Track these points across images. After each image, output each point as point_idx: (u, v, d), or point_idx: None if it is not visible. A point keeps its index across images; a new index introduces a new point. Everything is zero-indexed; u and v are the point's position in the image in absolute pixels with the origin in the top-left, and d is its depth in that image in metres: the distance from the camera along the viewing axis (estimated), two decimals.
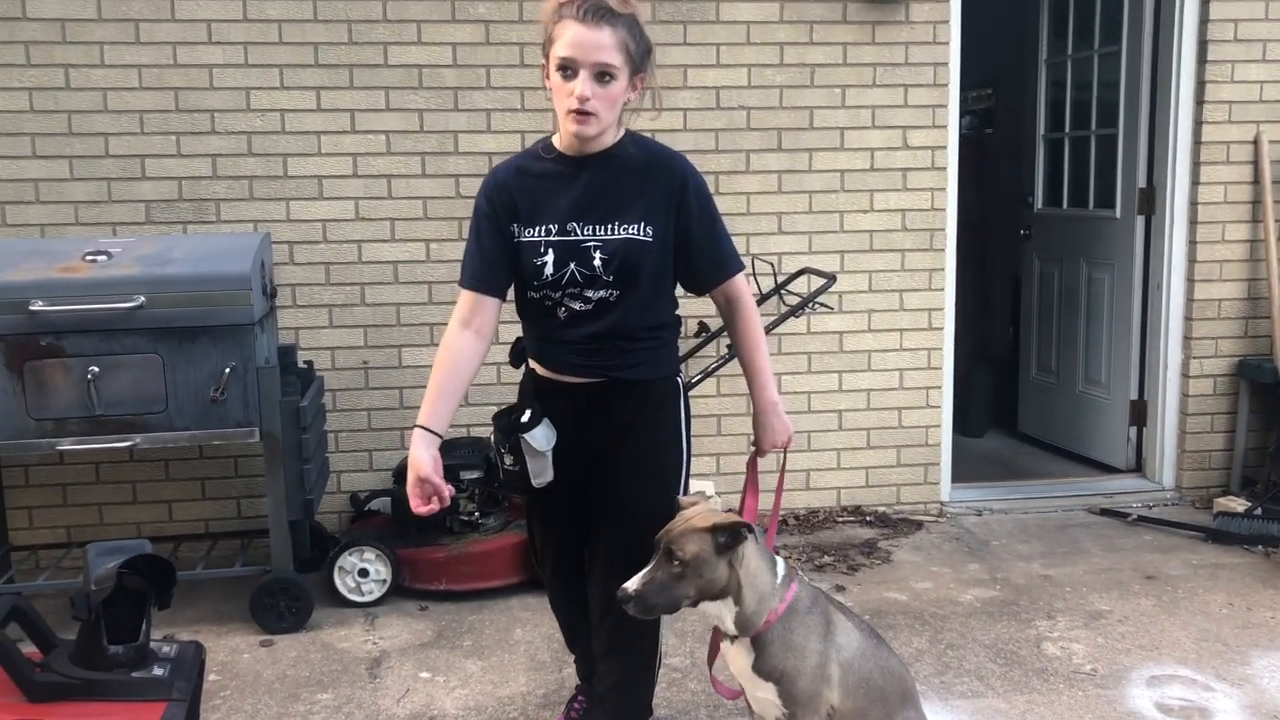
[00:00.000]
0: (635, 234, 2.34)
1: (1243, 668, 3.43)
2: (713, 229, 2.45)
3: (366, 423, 4.55)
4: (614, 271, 2.34)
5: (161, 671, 2.66)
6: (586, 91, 2.22)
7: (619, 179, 2.36)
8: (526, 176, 2.43)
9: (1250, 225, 4.98)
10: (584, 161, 2.38)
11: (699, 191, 2.42)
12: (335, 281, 4.47)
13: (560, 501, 2.58)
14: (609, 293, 2.36)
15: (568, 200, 2.36)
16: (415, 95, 4.43)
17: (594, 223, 2.35)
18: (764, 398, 2.52)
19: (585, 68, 2.22)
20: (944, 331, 4.92)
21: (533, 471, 2.45)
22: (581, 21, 2.21)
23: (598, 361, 2.43)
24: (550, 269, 2.35)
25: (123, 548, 2.68)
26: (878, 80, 4.71)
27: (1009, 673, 3.41)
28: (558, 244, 2.35)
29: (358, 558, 3.97)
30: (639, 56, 2.30)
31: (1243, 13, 4.85)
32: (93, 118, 4.25)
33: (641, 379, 2.47)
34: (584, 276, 2.35)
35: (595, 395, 2.46)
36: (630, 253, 2.34)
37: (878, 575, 4.24)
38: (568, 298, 2.38)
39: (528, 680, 3.41)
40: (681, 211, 2.38)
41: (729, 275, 2.48)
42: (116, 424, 3.56)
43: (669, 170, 2.40)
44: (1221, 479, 5.10)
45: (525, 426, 2.41)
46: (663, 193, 2.37)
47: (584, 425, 2.48)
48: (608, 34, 2.22)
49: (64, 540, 4.32)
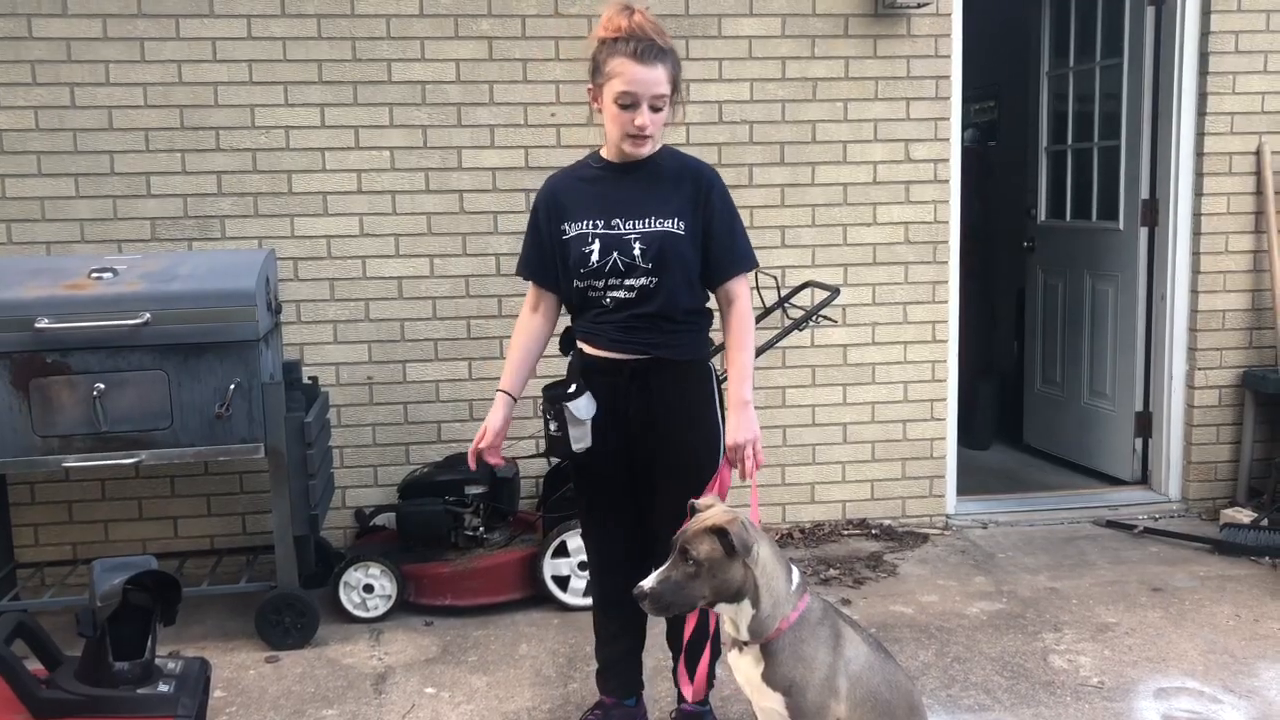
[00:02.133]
0: (670, 227, 2.66)
1: (1251, 680, 3.42)
2: (730, 227, 2.73)
3: (371, 438, 4.56)
4: (652, 259, 2.64)
5: (167, 688, 2.67)
6: (645, 121, 2.59)
7: (657, 182, 2.70)
8: (577, 182, 2.78)
9: (1254, 236, 4.98)
10: (628, 168, 2.71)
11: (722, 194, 2.73)
12: (340, 297, 4.48)
13: (606, 468, 2.83)
14: (649, 280, 2.66)
15: (612, 199, 2.70)
16: (419, 111, 4.45)
17: (634, 218, 2.67)
18: (736, 394, 2.70)
19: (645, 101, 2.58)
20: (948, 344, 4.92)
21: (573, 437, 2.72)
22: (639, 61, 2.56)
23: (640, 339, 2.70)
24: (596, 257, 2.66)
25: (128, 564, 2.69)
26: (880, 94, 4.73)
27: (1016, 686, 3.40)
28: (603, 235, 2.67)
29: (363, 573, 3.96)
30: (678, 82, 2.68)
31: (1243, 24, 4.86)
32: (98, 135, 4.28)
33: (678, 359, 2.73)
34: (625, 265, 2.65)
35: (637, 370, 2.72)
36: (666, 243, 2.65)
37: (883, 588, 4.23)
38: (610, 286, 2.68)
39: (533, 695, 3.41)
40: (705, 209, 2.69)
41: (737, 271, 2.74)
42: (122, 441, 3.57)
43: (697, 174, 2.73)
44: (1228, 490, 5.09)
45: (569, 396, 2.70)
46: (691, 193, 2.69)
47: (625, 398, 2.74)
48: (660, 71, 2.58)
49: (70, 557, 4.32)
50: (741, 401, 2.69)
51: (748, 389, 2.70)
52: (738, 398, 2.69)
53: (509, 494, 4.23)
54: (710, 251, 2.71)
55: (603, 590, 3.00)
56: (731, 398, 2.70)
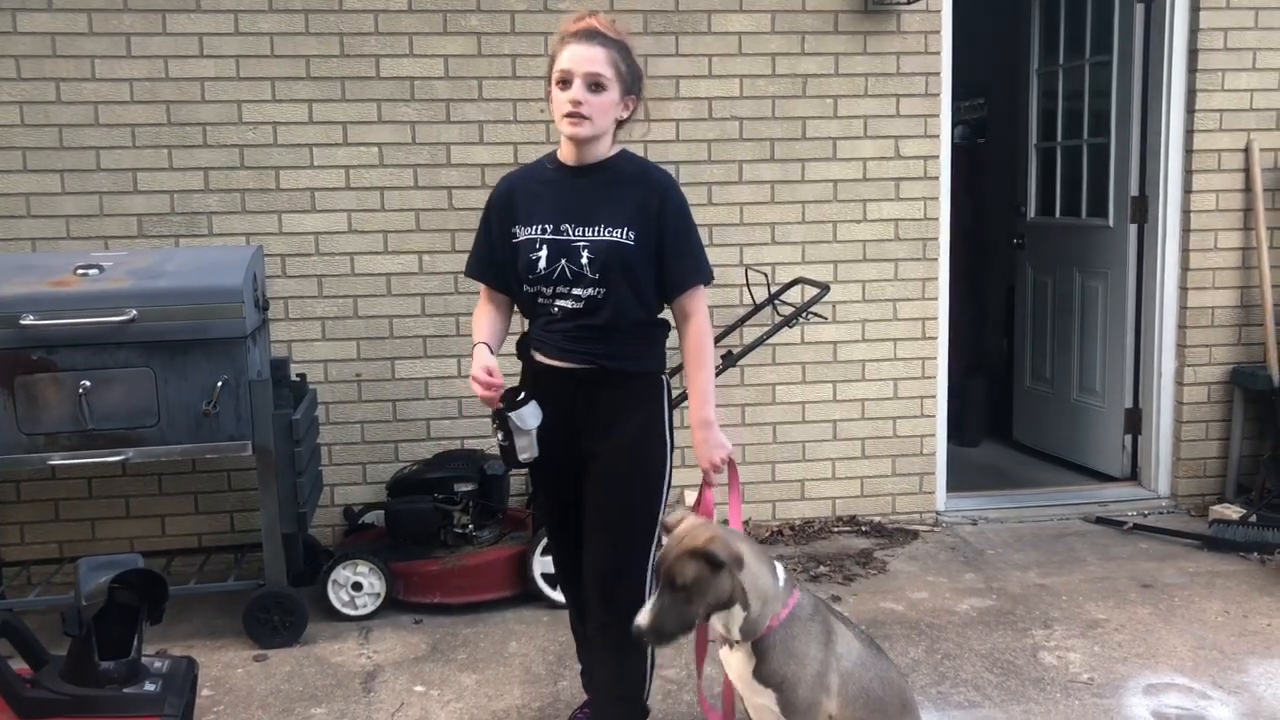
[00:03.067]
0: (618, 237, 2.57)
1: (1239, 675, 3.43)
2: (684, 239, 2.64)
3: (360, 435, 4.54)
4: (599, 269, 2.56)
5: (153, 687, 2.65)
6: (579, 96, 2.51)
7: (610, 188, 2.61)
8: (531, 183, 2.70)
9: (1242, 233, 4.99)
10: (581, 170, 2.63)
11: (676, 204, 2.64)
12: (328, 294, 4.46)
13: (559, 477, 2.77)
14: (596, 290, 2.58)
15: (563, 203, 2.62)
16: (407, 107, 4.43)
17: (584, 224, 2.59)
18: (697, 416, 2.64)
19: (579, 77, 2.52)
20: (938, 341, 4.92)
21: (519, 448, 2.64)
22: (578, 41, 2.54)
23: (587, 348, 2.62)
24: (543, 263, 2.59)
25: (114, 562, 2.68)
26: (870, 90, 4.72)
27: (1006, 682, 3.40)
28: (551, 241, 2.60)
29: (351, 571, 3.95)
30: (629, 77, 2.59)
31: (1232, 22, 4.86)
32: (84, 131, 4.25)
33: (626, 370, 2.65)
34: (573, 273, 2.58)
35: (583, 380, 2.64)
36: (614, 254, 2.56)
37: (874, 585, 4.23)
38: (559, 295, 2.61)
39: (522, 693, 3.39)
40: (659, 220, 2.60)
41: (689, 285, 2.66)
42: (108, 438, 3.55)
43: (650, 181, 2.64)
44: (1217, 486, 5.10)
45: (513, 406, 2.62)
46: (644, 201, 2.60)
47: (571, 409, 2.66)
48: (600, 51, 2.53)
49: (56, 555, 4.29)
50: (705, 422, 2.62)
51: (710, 409, 2.63)
52: (700, 418, 2.62)
53: (498, 491, 4.22)
54: (663, 264, 2.62)
55: (571, 598, 2.95)
56: (694, 418, 2.64)
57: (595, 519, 2.69)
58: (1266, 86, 4.91)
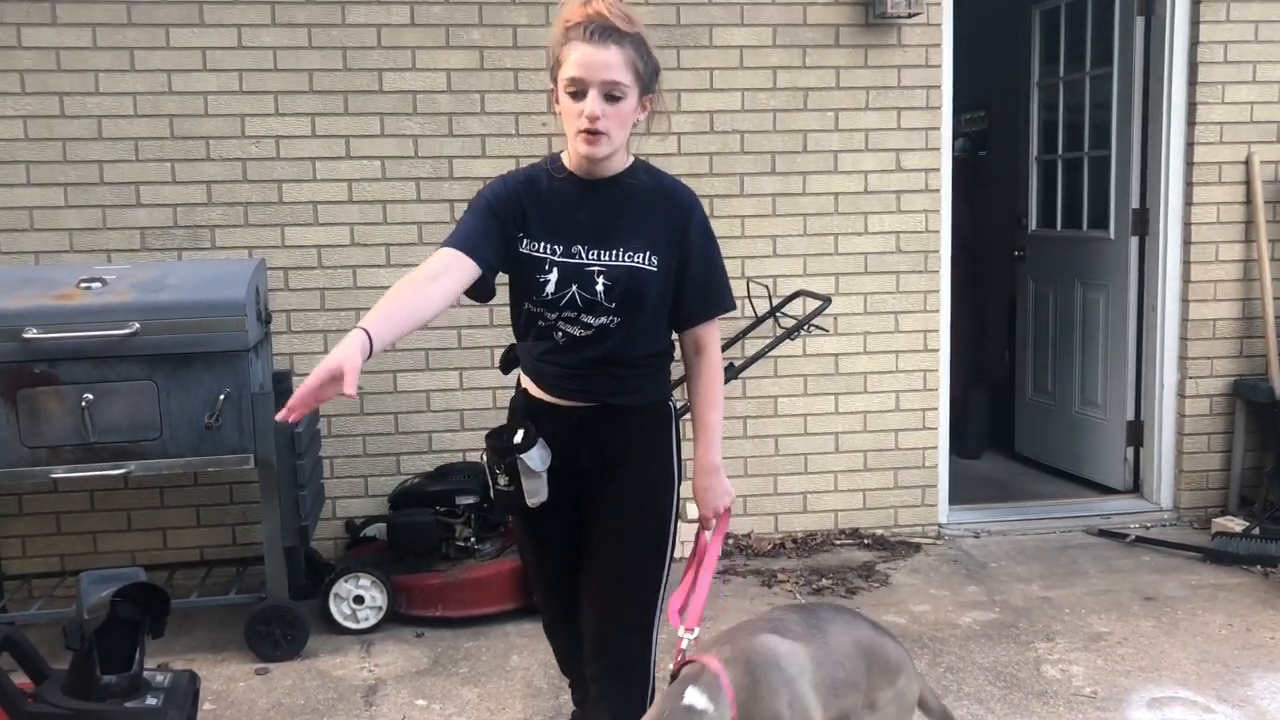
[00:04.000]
0: (640, 263, 2.29)
1: (1243, 689, 3.42)
2: (708, 265, 2.39)
3: (362, 448, 4.54)
4: (616, 298, 2.28)
5: (155, 701, 2.65)
6: (596, 110, 2.18)
7: (627, 206, 2.32)
8: (537, 189, 2.36)
9: (1243, 245, 4.99)
10: (595, 184, 2.33)
11: (701, 224, 2.38)
12: (330, 307, 4.47)
13: (555, 520, 2.51)
14: (610, 320, 2.30)
15: (575, 222, 2.31)
16: (410, 121, 4.44)
17: (600, 248, 2.29)
18: (707, 459, 2.42)
19: (594, 87, 2.18)
20: (939, 353, 4.92)
21: (528, 491, 2.38)
22: (589, 41, 2.17)
23: (591, 386, 2.37)
24: (552, 288, 2.29)
25: (116, 576, 2.68)
26: (870, 103, 4.73)
27: (1008, 695, 3.40)
28: (562, 264, 2.29)
29: (353, 584, 3.94)
30: (648, 76, 2.27)
31: (1232, 34, 4.88)
32: (87, 145, 4.26)
33: (633, 404, 2.40)
34: (584, 301, 2.29)
35: (586, 419, 2.39)
36: (634, 281, 2.29)
37: (876, 598, 4.22)
38: (564, 321, 2.32)
39: (524, 707, 3.39)
40: (683, 245, 2.34)
41: (710, 316, 2.40)
42: (111, 451, 3.55)
43: (676, 202, 2.36)
44: (1219, 499, 5.10)
45: (521, 447, 2.35)
46: (668, 223, 2.33)
47: (574, 448, 2.41)
48: (615, 53, 2.18)
49: (57, 569, 4.29)
50: (713, 468, 2.41)
51: (718, 453, 2.41)
52: (709, 463, 2.41)
53: None
54: (683, 291, 2.34)
55: (555, 648, 2.76)
56: (701, 462, 2.41)
57: (602, 568, 2.44)
58: (1266, 99, 4.93)
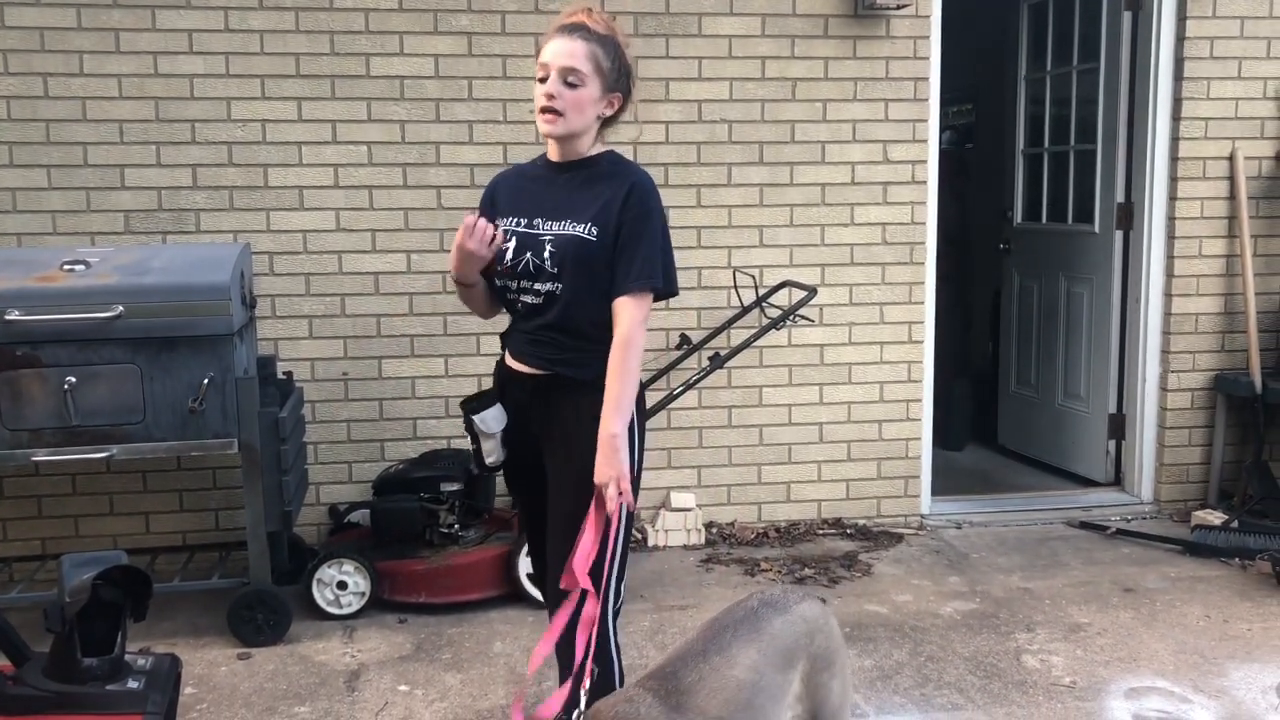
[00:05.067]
0: (580, 232, 2.50)
1: (1220, 679, 3.45)
2: (637, 242, 2.48)
3: (346, 434, 4.53)
4: (558, 264, 2.49)
5: (136, 684, 2.64)
6: (552, 89, 2.46)
7: (586, 185, 2.56)
8: (516, 179, 2.70)
9: (1227, 240, 5.02)
10: (563, 167, 2.59)
11: (640, 202, 2.50)
12: (315, 292, 4.45)
13: (525, 479, 2.72)
14: (554, 285, 2.51)
15: (540, 198, 2.59)
16: (397, 106, 4.43)
17: (552, 219, 2.54)
18: (602, 427, 2.43)
19: (554, 71, 2.47)
20: (924, 345, 4.94)
21: (485, 451, 2.63)
22: (559, 34, 2.49)
23: (543, 353, 2.56)
24: (510, 255, 2.55)
25: (98, 559, 2.66)
26: (858, 95, 4.74)
27: (989, 685, 3.42)
28: (521, 234, 2.56)
29: (336, 570, 3.94)
30: (612, 74, 2.51)
31: (1218, 31, 4.90)
32: (71, 127, 4.23)
33: (583, 379, 2.51)
34: (535, 267, 2.52)
35: (540, 386, 2.57)
36: (572, 247, 2.49)
37: (858, 588, 4.24)
38: (522, 290, 2.56)
39: (507, 693, 3.39)
40: (619, 215, 2.50)
41: (626, 290, 2.47)
42: (93, 435, 3.53)
43: (622, 179, 2.54)
44: (1199, 492, 5.13)
45: (475, 409, 2.60)
46: (611, 198, 2.52)
47: (528, 414, 2.61)
48: (580, 45, 2.47)
49: (39, 552, 4.27)
50: (609, 435, 2.41)
51: (617, 422, 2.42)
52: (605, 431, 2.42)
53: (484, 491, 4.22)
54: (614, 261, 2.48)
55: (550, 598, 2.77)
56: (600, 430, 2.43)
57: (556, 531, 2.57)
58: (1251, 95, 4.95)
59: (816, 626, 2.37)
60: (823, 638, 2.37)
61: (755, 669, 2.23)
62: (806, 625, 2.36)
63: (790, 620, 2.34)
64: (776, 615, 2.34)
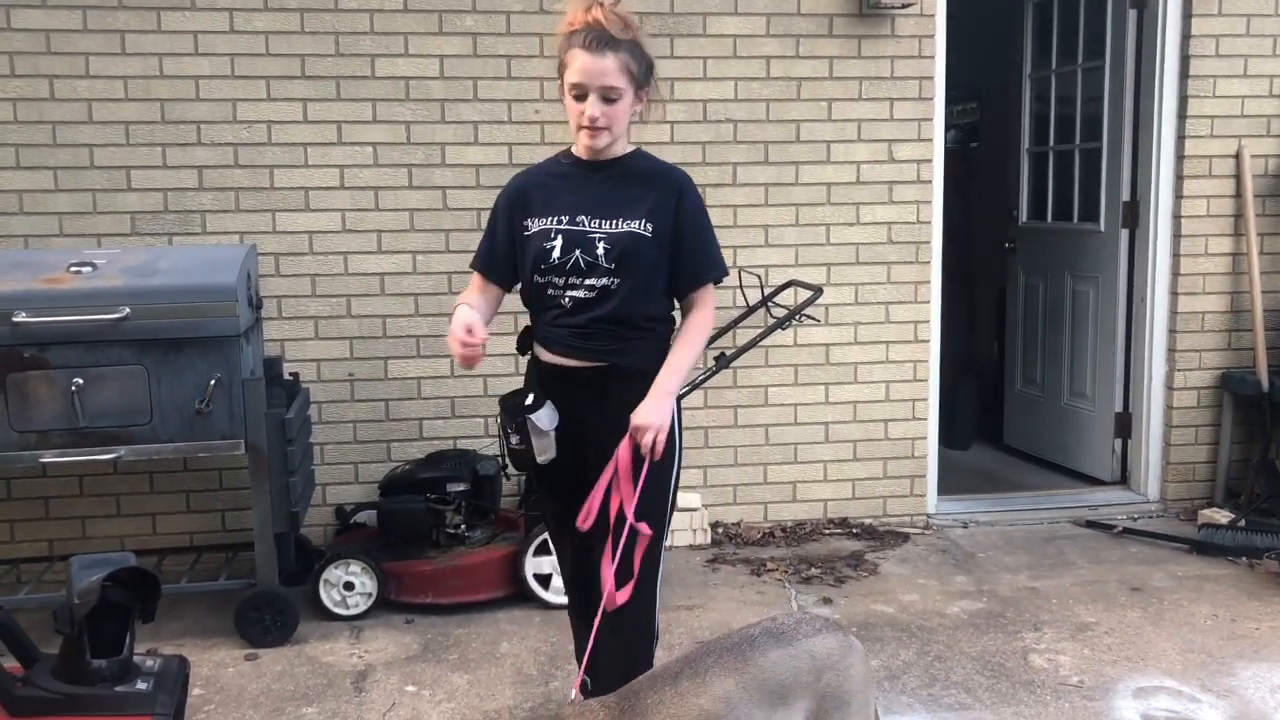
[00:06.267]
0: (636, 228, 2.56)
1: (1228, 679, 3.45)
2: (701, 234, 2.64)
3: (352, 435, 4.53)
4: (614, 259, 2.54)
5: (145, 686, 2.64)
6: (596, 112, 2.51)
7: (627, 182, 2.62)
8: (545, 177, 2.71)
9: (1233, 238, 5.01)
10: (598, 165, 2.63)
11: (694, 198, 2.64)
12: (321, 293, 4.46)
13: (565, 477, 2.71)
14: (610, 280, 2.55)
15: (579, 196, 2.61)
16: (402, 107, 4.43)
17: (601, 217, 2.58)
18: (660, 382, 2.55)
19: (593, 91, 2.51)
20: (930, 344, 4.93)
21: (537, 449, 2.62)
22: (587, 50, 2.49)
23: (597, 345, 2.59)
24: (558, 253, 2.57)
25: (106, 561, 2.67)
26: (864, 94, 4.74)
27: (996, 685, 3.42)
28: (566, 232, 2.58)
29: (343, 571, 3.95)
30: (641, 75, 2.57)
31: (1224, 29, 4.89)
32: (78, 129, 4.24)
33: (637, 367, 2.59)
34: (586, 264, 2.55)
35: (593, 380, 2.61)
36: (630, 244, 2.55)
37: (865, 588, 4.24)
38: (570, 285, 2.58)
39: (514, 694, 3.40)
40: (677, 212, 2.60)
41: (704, 280, 2.65)
42: (100, 436, 3.54)
43: (669, 179, 2.64)
44: (1206, 491, 5.13)
45: (531, 408, 2.60)
46: (662, 195, 2.60)
47: (580, 408, 2.63)
48: (610, 60, 2.50)
49: (46, 554, 4.28)
50: (664, 390, 2.53)
51: (675, 381, 2.55)
52: (661, 386, 2.53)
53: (491, 492, 4.22)
54: (680, 258, 2.61)
55: (573, 598, 2.88)
56: (656, 384, 2.54)
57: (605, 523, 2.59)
58: (1257, 93, 4.94)
59: (827, 663, 2.18)
60: (834, 675, 2.17)
61: (727, 701, 2.08)
62: (813, 661, 2.17)
63: (792, 654, 2.17)
64: (776, 647, 2.18)
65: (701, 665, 2.15)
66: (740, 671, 2.12)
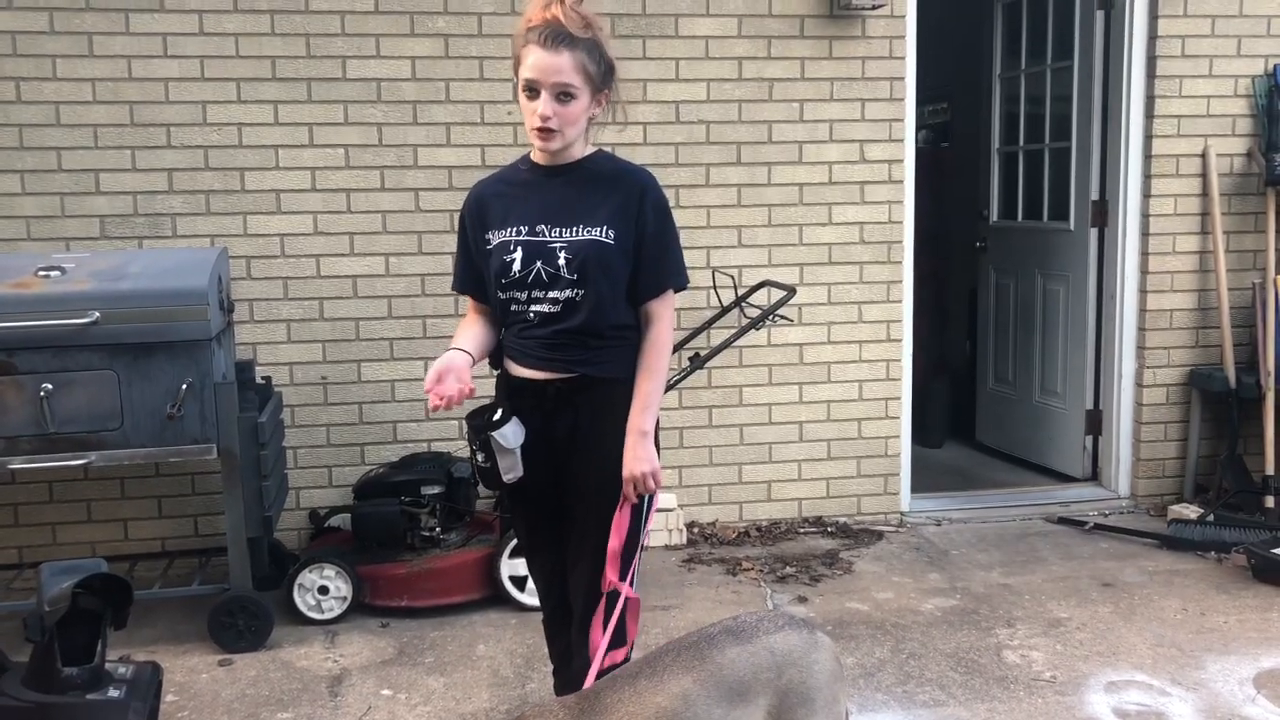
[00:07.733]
0: (598, 235, 2.46)
1: (1197, 672, 3.49)
2: (662, 240, 2.54)
3: (325, 438, 4.51)
4: (577, 270, 2.45)
5: (117, 693, 2.63)
6: (548, 111, 2.39)
7: (587, 187, 2.51)
8: (503, 185, 2.59)
9: (1200, 236, 5.07)
10: (556, 170, 2.52)
11: (656, 203, 2.54)
12: (293, 296, 4.44)
13: (536, 494, 2.64)
14: (574, 292, 2.46)
15: (538, 204, 2.50)
16: (374, 109, 4.42)
17: (560, 225, 2.47)
18: (634, 422, 2.48)
19: (546, 89, 2.39)
20: (902, 343, 4.96)
21: (503, 468, 2.53)
22: (542, 46, 2.38)
23: (566, 355, 2.50)
24: (518, 266, 2.47)
25: (77, 567, 2.65)
26: (835, 95, 4.76)
27: (970, 681, 3.44)
28: (526, 243, 2.48)
29: (318, 575, 3.93)
30: (599, 76, 2.46)
31: (1189, 29, 4.95)
32: (45, 131, 4.20)
33: (607, 376, 2.52)
34: (549, 275, 2.46)
35: (563, 391, 2.52)
36: (592, 252, 2.45)
37: (840, 586, 4.26)
38: (534, 300, 2.49)
39: (490, 696, 3.39)
40: (638, 218, 2.50)
41: (662, 289, 2.55)
42: (70, 442, 3.50)
43: (631, 180, 2.53)
44: (1175, 487, 5.18)
45: (495, 425, 2.50)
46: (624, 200, 2.50)
47: (552, 422, 2.55)
48: (566, 58, 2.39)
49: (15, 561, 4.24)
50: (640, 432, 2.46)
51: (648, 419, 2.47)
52: (636, 427, 2.47)
53: (465, 494, 4.21)
54: (639, 265, 2.50)
55: (547, 613, 2.83)
56: (630, 425, 2.48)
57: (581, 538, 2.57)
58: (1222, 93, 5.00)
59: (789, 660, 2.17)
60: (796, 672, 2.16)
61: (685, 698, 2.08)
62: (773, 658, 2.16)
63: (750, 651, 2.16)
64: (735, 644, 2.17)
65: (660, 664, 2.16)
66: (698, 669, 2.13)
